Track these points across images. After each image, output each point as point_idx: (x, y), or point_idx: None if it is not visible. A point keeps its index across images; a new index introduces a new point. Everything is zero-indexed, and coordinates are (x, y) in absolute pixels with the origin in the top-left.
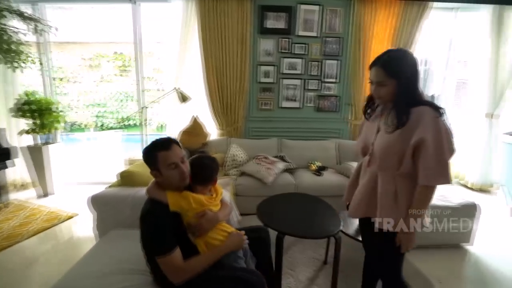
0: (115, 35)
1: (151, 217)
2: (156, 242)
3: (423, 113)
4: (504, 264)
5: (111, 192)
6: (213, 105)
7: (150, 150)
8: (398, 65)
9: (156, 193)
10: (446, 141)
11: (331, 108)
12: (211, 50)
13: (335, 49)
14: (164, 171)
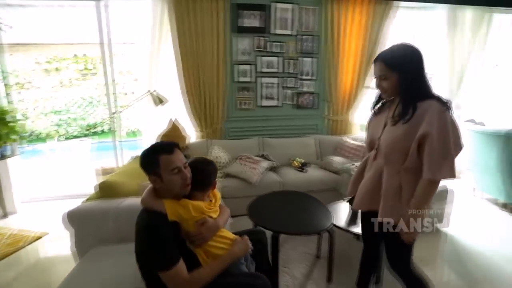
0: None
1: (151, 230)
2: (159, 256)
3: (429, 106)
4: (476, 242)
5: (89, 206)
6: (191, 107)
7: (151, 153)
8: (399, 58)
9: (153, 203)
10: (452, 135)
11: (309, 105)
12: (186, 50)
13: (311, 47)
14: (166, 177)
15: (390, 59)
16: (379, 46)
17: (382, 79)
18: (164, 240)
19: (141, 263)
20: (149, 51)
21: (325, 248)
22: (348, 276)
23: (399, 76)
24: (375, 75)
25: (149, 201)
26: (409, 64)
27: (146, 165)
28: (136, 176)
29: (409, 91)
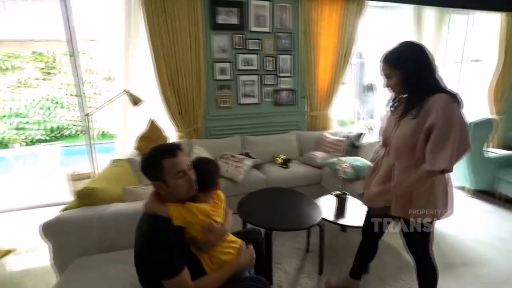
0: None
1: (156, 236)
2: (164, 263)
3: (436, 100)
4: (449, 227)
5: (69, 215)
6: (169, 107)
7: (153, 157)
8: (400, 56)
9: (157, 208)
10: (457, 128)
11: (288, 101)
12: (162, 48)
13: (288, 44)
14: (171, 181)
15: (392, 58)
16: (353, 43)
17: (387, 78)
18: (169, 247)
19: (142, 269)
20: (122, 49)
21: (314, 242)
22: (337, 267)
23: (401, 73)
24: (382, 74)
25: (152, 206)
26: (410, 62)
27: (149, 171)
28: (118, 181)
29: (412, 87)
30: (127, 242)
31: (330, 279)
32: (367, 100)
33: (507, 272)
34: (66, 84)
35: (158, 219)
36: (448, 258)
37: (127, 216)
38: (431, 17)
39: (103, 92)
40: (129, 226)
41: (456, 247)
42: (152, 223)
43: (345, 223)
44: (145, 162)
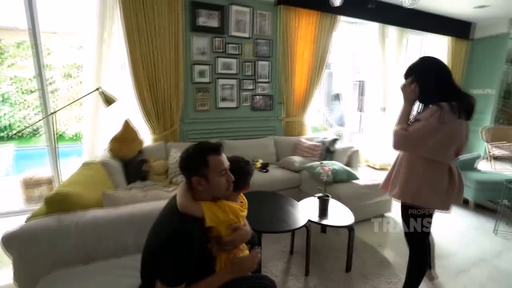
0: None
1: (181, 239)
2: (170, 269)
3: (432, 107)
4: None
5: (39, 225)
6: (145, 108)
7: (199, 153)
8: (418, 69)
9: (192, 207)
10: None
11: (265, 107)
12: (140, 47)
13: (266, 51)
14: (213, 178)
15: (409, 71)
16: (327, 53)
17: (405, 88)
18: (187, 254)
19: (151, 263)
20: (94, 45)
21: (297, 243)
22: (322, 268)
23: (417, 83)
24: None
25: (188, 205)
26: (423, 73)
27: (192, 165)
28: (92, 185)
29: (424, 95)
30: (108, 250)
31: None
32: (334, 109)
33: (467, 261)
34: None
35: (188, 219)
36: None
37: (108, 223)
38: (393, 34)
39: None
40: (111, 234)
41: None
42: (182, 222)
43: (330, 223)
44: (189, 156)
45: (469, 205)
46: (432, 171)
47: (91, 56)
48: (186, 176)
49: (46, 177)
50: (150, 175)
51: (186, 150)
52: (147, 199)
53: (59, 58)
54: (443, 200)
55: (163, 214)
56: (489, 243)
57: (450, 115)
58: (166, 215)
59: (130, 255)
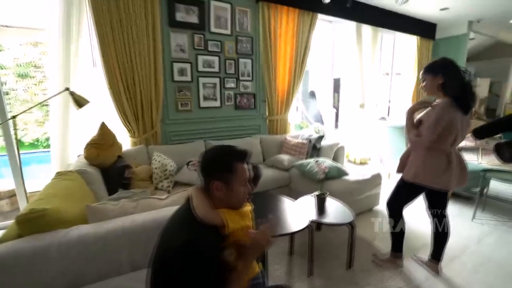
0: None
1: (201, 249)
2: (193, 281)
3: (440, 103)
4: None
5: (10, 249)
6: (122, 109)
7: (228, 157)
8: (434, 66)
9: (212, 215)
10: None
11: (249, 105)
12: (114, 41)
13: (248, 48)
14: (236, 186)
15: (427, 67)
16: (308, 50)
17: (423, 81)
18: (206, 263)
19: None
20: (60, 40)
21: (295, 243)
22: (323, 267)
23: (432, 77)
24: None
25: (208, 212)
26: (440, 70)
27: (216, 169)
28: (71, 198)
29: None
30: (99, 272)
31: (376, 257)
32: (310, 106)
33: (455, 248)
34: None
35: (203, 226)
36: (413, 244)
37: (97, 240)
38: (368, 33)
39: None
40: (101, 252)
41: (416, 234)
42: (198, 230)
43: (331, 221)
44: (215, 159)
45: None
46: (431, 157)
47: (56, 52)
48: (205, 179)
49: (6, 190)
50: (133, 181)
51: (212, 151)
52: (138, 210)
53: (12, 55)
54: (442, 180)
55: (175, 222)
56: (470, 230)
57: (450, 108)
58: (178, 223)
59: (124, 274)
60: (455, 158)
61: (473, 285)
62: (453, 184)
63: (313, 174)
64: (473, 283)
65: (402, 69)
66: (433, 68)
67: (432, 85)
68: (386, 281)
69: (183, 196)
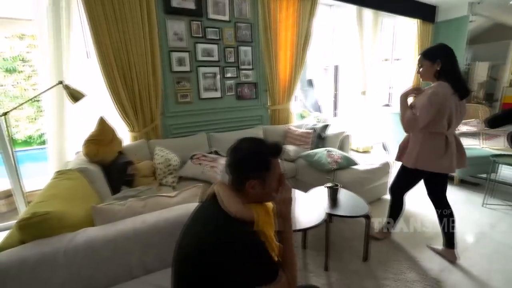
0: None
1: (254, 238)
2: (267, 268)
3: (434, 85)
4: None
5: (15, 257)
6: (120, 103)
7: (264, 154)
8: (432, 52)
9: (246, 211)
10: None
11: (250, 95)
12: (108, 30)
13: (248, 35)
14: (271, 183)
15: (426, 52)
16: (310, 36)
17: (420, 67)
18: (265, 250)
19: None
20: (50, 30)
21: (309, 237)
22: (339, 260)
23: (431, 64)
24: (417, 64)
25: (241, 209)
26: (439, 56)
27: (253, 167)
28: (74, 198)
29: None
30: (108, 277)
31: (373, 232)
32: (308, 95)
33: (469, 236)
34: None
35: (243, 225)
36: (425, 233)
37: (106, 243)
38: (369, 18)
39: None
40: (111, 256)
41: (425, 222)
42: (241, 227)
43: (347, 214)
44: (250, 156)
45: (454, 181)
46: (430, 141)
47: (46, 44)
48: (238, 178)
49: (2, 190)
50: (136, 178)
51: (245, 148)
52: (147, 209)
53: None
54: (442, 163)
55: (205, 220)
56: (481, 216)
57: (445, 90)
58: (211, 221)
59: (136, 278)
60: (454, 141)
61: (491, 274)
62: (454, 166)
63: (322, 164)
64: (490, 272)
65: (402, 54)
66: (432, 54)
67: (429, 71)
68: (404, 273)
69: (193, 193)
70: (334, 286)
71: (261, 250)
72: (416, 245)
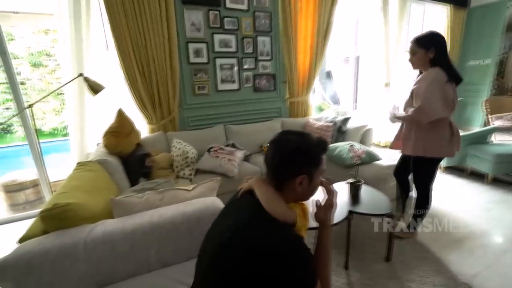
0: None
1: (302, 246)
2: (310, 274)
3: (429, 71)
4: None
5: (37, 248)
6: (138, 95)
7: (315, 149)
8: (426, 39)
9: (289, 213)
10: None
11: (268, 87)
12: (127, 24)
13: (266, 25)
14: (316, 180)
15: (420, 40)
16: (331, 25)
17: (412, 54)
18: (309, 254)
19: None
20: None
21: None
22: (360, 259)
23: (425, 51)
24: (409, 52)
25: (284, 211)
26: (432, 44)
27: (307, 162)
28: (95, 190)
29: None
30: (127, 271)
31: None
32: (327, 87)
33: (506, 239)
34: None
35: (285, 228)
36: (454, 233)
37: (124, 237)
38: (394, 4)
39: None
40: (129, 250)
41: (456, 222)
42: (287, 232)
43: (369, 212)
44: (304, 152)
45: (486, 179)
46: (436, 127)
47: (67, 38)
48: (285, 173)
49: (30, 180)
50: (154, 170)
51: (293, 141)
52: (164, 203)
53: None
54: (448, 148)
55: (243, 219)
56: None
57: (441, 74)
58: (250, 220)
59: (154, 271)
60: (455, 126)
61: None
62: (455, 150)
63: (343, 159)
64: None
65: None
66: (426, 41)
67: (423, 60)
68: (431, 275)
69: (211, 187)
70: (354, 286)
71: (309, 257)
72: (445, 246)
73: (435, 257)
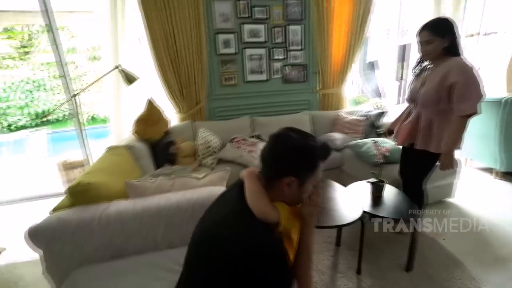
0: None
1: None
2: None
3: (455, 62)
4: (483, 211)
5: (61, 218)
6: (168, 85)
7: (314, 155)
8: (441, 27)
9: (272, 213)
10: (473, 83)
11: (298, 78)
12: (157, 16)
13: (298, 13)
14: (308, 186)
15: (436, 28)
16: (370, 11)
17: (427, 44)
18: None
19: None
20: (109, 19)
21: (344, 233)
22: (376, 265)
23: (441, 40)
24: (421, 41)
25: (267, 211)
26: (448, 32)
27: (299, 165)
28: (117, 172)
29: (447, 50)
30: (137, 247)
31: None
32: (369, 78)
33: None
34: (47, 64)
35: (267, 228)
36: (497, 250)
37: (134, 217)
38: None
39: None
40: (137, 229)
41: (502, 238)
42: (259, 229)
43: (386, 214)
44: (300, 155)
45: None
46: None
47: (107, 31)
48: (276, 172)
49: (79, 160)
50: (178, 157)
51: (293, 139)
52: (175, 188)
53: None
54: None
55: (227, 212)
56: None
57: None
58: (233, 214)
59: (159, 251)
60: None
61: None
62: None
63: (370, 156)
64: None
65: (497, 27)
66: (442, 28)
67: (438, 49)
68: None
69: (221, 176)
70: None
71: (278, 259)
72: (484, 264)
73: (468, 275)
